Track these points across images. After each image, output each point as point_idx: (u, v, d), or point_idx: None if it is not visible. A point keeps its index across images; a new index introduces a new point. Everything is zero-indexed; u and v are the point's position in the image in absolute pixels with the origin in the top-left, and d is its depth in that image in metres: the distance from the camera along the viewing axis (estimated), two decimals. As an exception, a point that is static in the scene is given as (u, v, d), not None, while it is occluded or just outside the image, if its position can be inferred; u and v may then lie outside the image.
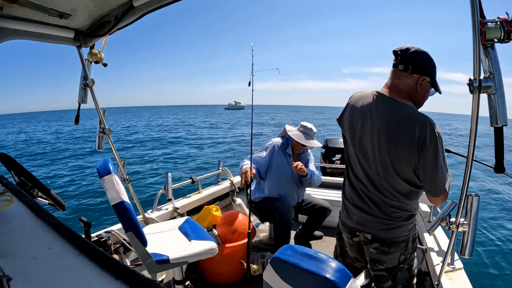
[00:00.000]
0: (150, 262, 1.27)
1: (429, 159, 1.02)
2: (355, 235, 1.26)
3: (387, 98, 1.11)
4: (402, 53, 1.09)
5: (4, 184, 0.93)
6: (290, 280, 0.60)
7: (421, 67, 1.08)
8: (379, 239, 1.17)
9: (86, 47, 1.64)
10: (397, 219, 1.15)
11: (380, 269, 1.21)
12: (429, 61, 1.10)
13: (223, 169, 2.95)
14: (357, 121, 1.17)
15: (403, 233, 1.17)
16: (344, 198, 1.31)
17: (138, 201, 2.01)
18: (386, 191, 1.13)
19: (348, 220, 1.27)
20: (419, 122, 1.02)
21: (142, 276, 0.51)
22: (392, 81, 1.13)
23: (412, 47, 1.09)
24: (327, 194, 3.09)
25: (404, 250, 1.18)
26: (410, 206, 1.16)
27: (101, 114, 1.79)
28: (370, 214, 1.18)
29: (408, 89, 1.11)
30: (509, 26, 0.83)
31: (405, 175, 1.08)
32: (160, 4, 1.28)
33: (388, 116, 1.08)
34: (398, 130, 1.05)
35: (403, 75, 1.10)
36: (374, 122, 1.11)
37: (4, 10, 1.07)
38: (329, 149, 3.96)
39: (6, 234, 0.66)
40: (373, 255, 1.21)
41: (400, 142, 1.04)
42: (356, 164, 1.21)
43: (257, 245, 2.51)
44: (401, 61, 1.09)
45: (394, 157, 1.07)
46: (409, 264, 1.22)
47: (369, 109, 1.14)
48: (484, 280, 3.60)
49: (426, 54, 1.09)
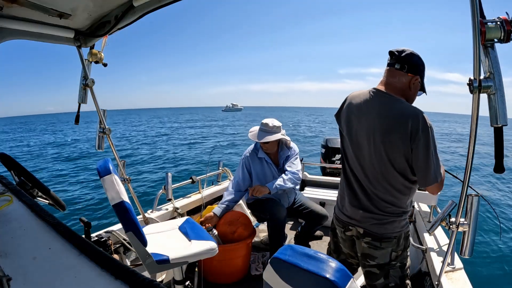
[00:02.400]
0: (150, 262, 1.27)
1: (422, 149, 1.07)
2: (348, 229, 1.30)
3: (383, 93, 1.18)
4: (399, 54, 1.18)
5: (4, 184, 0.93)
6: (290, 280, 0.60)
7: (415, 68, 1.17)
8: (371, 234, 1.21)
9: (86, 47, 1.64)
10: (389, 214, 1.18)
11: (372, 265, 1.23)
12: (422, 63, 1.19)
13: (223, 169, 2.96)
14: (354, 116, 1.23)
15: (395, 229, 1.20)
16: (340, 193, 1.38)
17: (138, 201, 2.01)
18: (381, 185, 1.17)
19: (342, 214, 1.32)
20: (412, 115, 1.08)
21: (142, 276, 0.51)
22: (387, 79, 1.20)
23: (408, 49, 1.18)
24: (327, 194, 3.10)
25: (395, 246, 1.21)
26: (403, 202, 1.19)
27: (101, 114, 1.79)
28: (363, 208, 1.22)
29: (402, 87, 1.18)
30: (509, 26, 0.83)
31: (399, 167, 1.13)
32: (160, 4, 1.28)
33: (383, 109, 1.14)
34: (393, 121, 1.11)
35: (399, 74, 1.17)
36: (370, 116, 1.17)
37: (4, 10, 1.07)
38: (329, 149, 3.95)
39: (6, 234, 0.66)
40: (364, 250, 1.23)
41: (394, 132, 1.10)
42: (352, 158, 1.26)
43: (257, 245, 2.51)
44: (397, 60, 1.17)
45: (388, 148, 1.12)
46: (402, 262, 1.23)
47: (365, 104, 1.20)
48: (484, 280, 3.60)
49: (419, 57, 1.18)
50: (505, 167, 0.93)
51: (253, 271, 2.21)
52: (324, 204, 2.97)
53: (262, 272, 0.91)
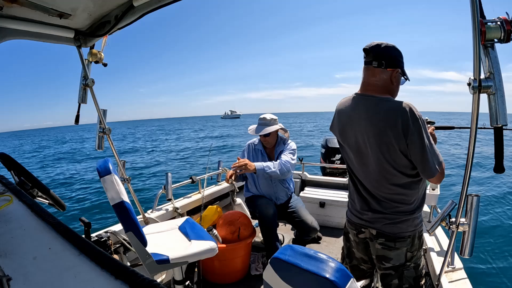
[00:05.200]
0: (150, 262, 1.27)
1: (417, 141, 1.06)
2: (361, 232, 1.28)
3: (366, 97, 1.17)
4: (374, 50, 1.14)
5: (4, 184, 0.93)
6: (290, 280, 0.60)
7: (393, 61, 1.15)
8: (384, 234, 1.19)
9: (86, 47, 1.64)
10: (401, 213, 1.17)
11: (387, 267, 1.21)
12: (399, 53, 1.16)
13: (223, 169, 2.95)
14: (346, 125, 1.23)
15: (409, 228, 1.18)
16: (349, 197, 1.36)
17: (138, 201, 2.01)
18: (386, 188, 1.16)
19: (354, 216, 1.30)
20: (399, 110, 1.07)
21: (142, 276, 0.51)
22: (368, 78, 1.18)
23: (382, 43, 1.14)
24: (327, 194, 3.09)
25: (410, 246, 1.19)
26: (412, 198, 1.17)
27: (101, 114, 1.79)
28: (374, 211, 1.21)
29: (384, 84, 1.16)
30: (509, 26, 0.83)
31: (400, 165, 1.12)
32: (160, 4, 1.28)
33: (371, 113, 1.13)
34: (382, 122, 1.09)
35: (378, 71, 1.15)
36: (361, 122, 1.16)
37: (4, 10, 1.07)
38: (329, 149, 3.94)
39: (6, 234, 0.66)
40: (378, 251, 1.22)
41: (386, 133, 1.08)
42: (354, 165, 1.26)
43: (257, 245, 2.51)
44: (374, 58, 1.14)
45: (385, 150, 1.11)
46: (416, 263, 1.22)
47: (352, 111, 1.19)
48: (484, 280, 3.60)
49: (395, 47, 1.15)
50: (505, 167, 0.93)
51: (253, 271, 2.21)
52: (324, 204, 2.97)
53: (262, 272, 0.91)
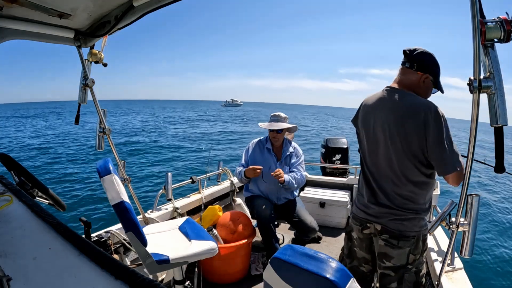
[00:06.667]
0: (150, 262, 1.27)
1: (435, 137, 1.09)
2: (366, 227, 1.30)
3: (394, 89, 1.25)
4: (410, 53, 1.23)
5: (4, 184, 0.93)
6: (290, 280, 0.60)
7: (424, 66, 1.21)
8: (388, 230, 1.21)
9: (86, 47, 1.64)
10: (408, 211, 1.18)
11: (387, 267, 1.21)
12: (433, 62, 1.22)
13: (223, 169, 2.96)
14: (369, 115, 1.29)
15: (414, 227, 1.19)
16: (358, 192, 1.39)
17: (138, 201, 2.01)
18: (399, 180, 1.18)
19: (359, 211, 1.32)
20: (424, 105, 1.13)
21: (142, 276, 0.51)
22: (399, 76, 1.27)
23: (420, 48, 1.22)
24: (327, 194, 3.09)
25: (414, 247, 1.19)
26: (421, 198, 1.19)
27: (101, 114, 1.79)
28: (382, 205, 1.22)
29: (411, 84, 1.23)
30: (509, 26, 0.83)
31: (416, 159, 1.14)
32: (160, 4, 1.28)
33: (396, 102, 1.20)
34: (406, 112, 1.15)
35: (409, 72, 1.23)
36: (384, 111, 1.22)
37: (4, 10, 1.07)
38: (329, 149, 3.94)
39: (6, 234, 0.66)
40: (381, 248, 1.23)
41: (408, 123, 1.13)
42: (370, 156, 1.29)
43: (257, 245, 2.51)
44: (408, 59, 1.23)
45: (403, 140, 1.14)
46: (417, 268, 1.21)
47: (379, 101, 1.27)
48: (484, 280, 3.60)
49: (431, 55, 1.22)
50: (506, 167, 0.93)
51: (253, 271, 2.21)
52: (324, 204, 2.97)
53: (262, 272, 0.91)
